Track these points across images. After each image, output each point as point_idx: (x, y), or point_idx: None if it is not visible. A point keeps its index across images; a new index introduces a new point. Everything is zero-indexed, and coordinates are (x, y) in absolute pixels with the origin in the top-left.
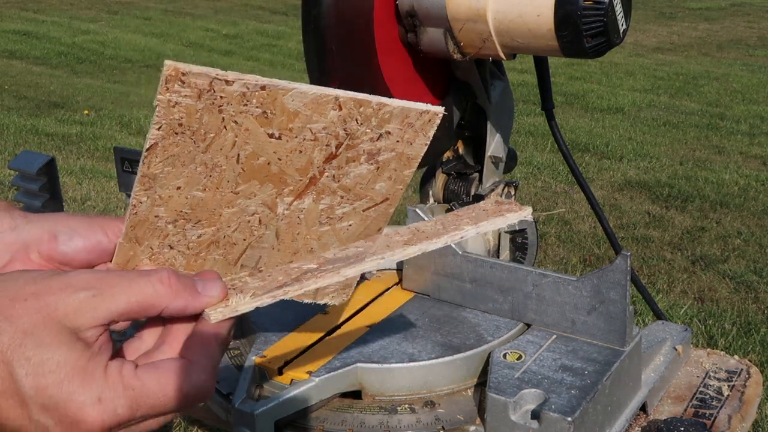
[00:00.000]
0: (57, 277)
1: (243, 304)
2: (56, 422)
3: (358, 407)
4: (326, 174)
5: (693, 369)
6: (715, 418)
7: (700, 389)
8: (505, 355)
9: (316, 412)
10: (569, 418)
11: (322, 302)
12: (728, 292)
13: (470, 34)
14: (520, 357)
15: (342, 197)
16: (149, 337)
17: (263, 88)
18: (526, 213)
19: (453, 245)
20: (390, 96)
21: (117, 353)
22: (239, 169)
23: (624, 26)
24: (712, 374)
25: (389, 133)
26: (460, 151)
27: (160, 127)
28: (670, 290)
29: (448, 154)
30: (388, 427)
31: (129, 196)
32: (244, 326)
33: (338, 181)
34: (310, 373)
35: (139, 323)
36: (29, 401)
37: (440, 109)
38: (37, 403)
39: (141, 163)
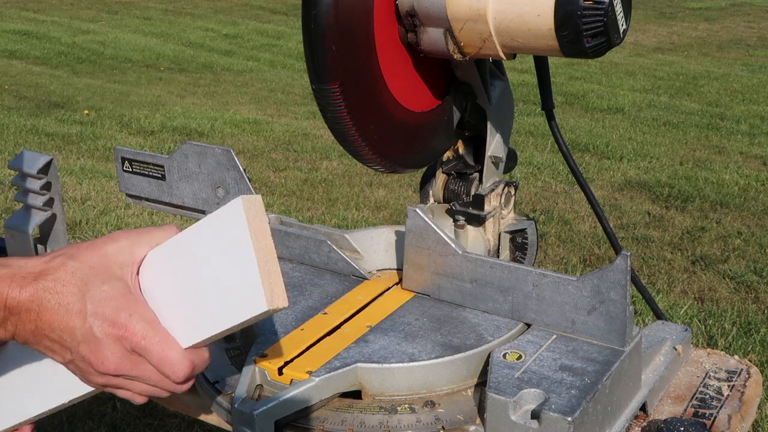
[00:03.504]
0: (104, 236)
1: None
2: (100, 324)
3: (358, 407)
4: None
5: (693, 369)
6: (715, 418)
7: (700, 389)
8: (505, 355)
9: (316, 412)
10: (569, 418)
11: None
12: (728, 292)
13: (470, 34)
14: (520, 357)
15: None
16: None
17: None
18: None
19: (453, 245)
20: (390, 95)
21: None
22: None
23: (624, 26)
24: (712, 374)
25: None
26: (460, 151)
27: None
28: (670, 290)
29: (448, 154)
30: (388, 427)
31: (129, 196)
32: None
33: None
34: (310, 373)
35: None
36: (88, 310)
37: None
38: (92, 312)
39: None
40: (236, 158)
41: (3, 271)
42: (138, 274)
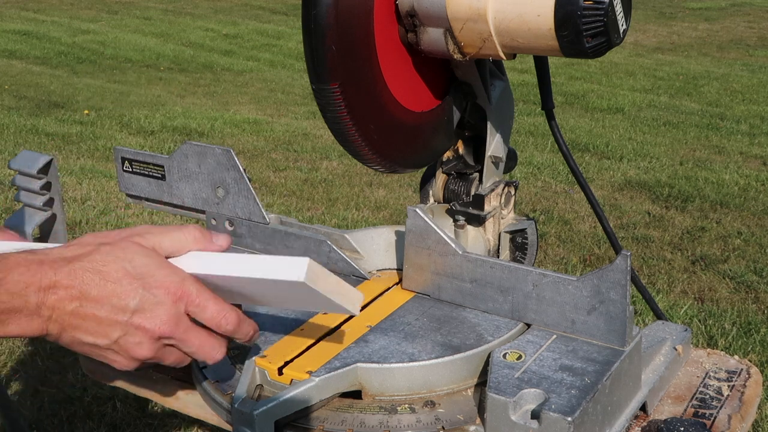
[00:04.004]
0: (126, 228)
1: None
2: (155, 289)
3: (358, 407)
4: None
5: (693, 369)
6: (715, 418)
7: (700, 389)
8: (505, 355)
9: (316, 412)
10: (569, 418)
11: None
12: (728, 292)
13: (470, 34)
14: (520, 357)
15: None
16: None
17: None
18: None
19: (453, 245)
20: (390, 95)
21: None
22: None
23: (624, 26)
24: (712, 374)
25: None
26: (460, 151)
27: None
28: (670, 290)
29: (448, 154)
30: (388, 427)
31: (129, 196)
32: None
33: None
34: (310, 373)
35: None
36: (138, 281)
37: None
38: (143, 281)
39: None
40: (236, 158)
41: (31, 256)
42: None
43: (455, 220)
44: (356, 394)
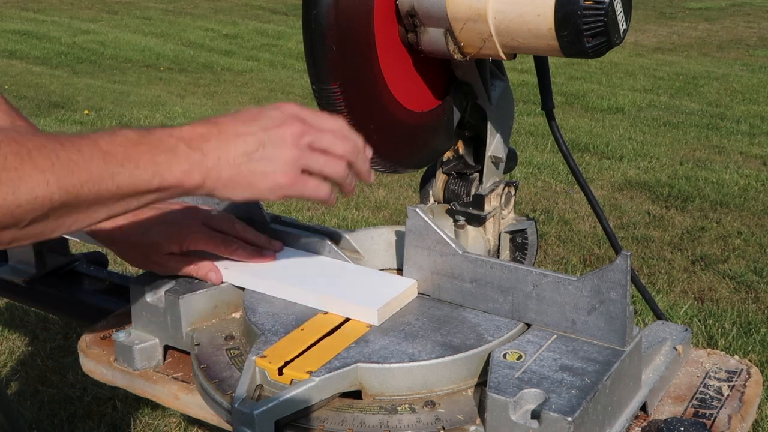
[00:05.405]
0: None
1: None
2: (273, 111)
3: (358, 407)
4: None
5: (693, 369)
6: (715, 418)
7: (700, 389)
8: (505, 355)
9: (316, 412)
10: (569, 418)
11: None
12: (728, 292)
13: (470, 34)
14: (520, 357)
15: None
16: None
17: None
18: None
19: (453, 245)
20: (390, 95)
21: None
22: None
23: (624, 26)
24: (712, 374)
25: None
26: (460, 151)
27: None
28: (670, 290)
29: (448, 154)
30: (388, 427)
31: None
32: (245, 326)
33: None
34: (310, 373)
35: None
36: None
37: None
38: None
39: None
40: None
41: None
42: None
43: (455, 220)
44: (356, 394)
